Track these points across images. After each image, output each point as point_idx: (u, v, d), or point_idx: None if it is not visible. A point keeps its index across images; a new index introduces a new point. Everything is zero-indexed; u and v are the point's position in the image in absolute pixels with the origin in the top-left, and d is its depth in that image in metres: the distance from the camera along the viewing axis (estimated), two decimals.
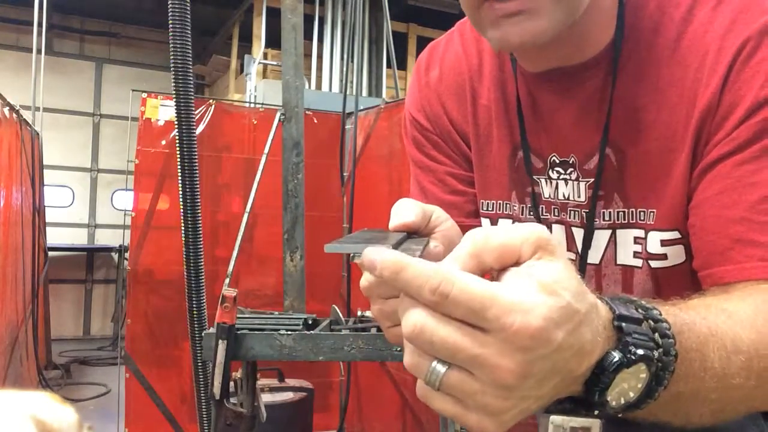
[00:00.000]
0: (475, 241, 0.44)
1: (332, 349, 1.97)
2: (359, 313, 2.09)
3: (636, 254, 0.78)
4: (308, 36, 4.64)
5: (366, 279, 0.57)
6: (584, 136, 0.79)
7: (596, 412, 0.47)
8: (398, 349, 1.98)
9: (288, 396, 2.98)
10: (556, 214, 0.84)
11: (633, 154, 0.76)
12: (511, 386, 0.41)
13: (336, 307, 2.05)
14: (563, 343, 0.41)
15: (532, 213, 0.86)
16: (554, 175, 0.83)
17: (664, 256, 0.76)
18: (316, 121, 4.05)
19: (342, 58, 5.16)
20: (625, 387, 0.45)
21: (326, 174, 3.91)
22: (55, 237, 6.95)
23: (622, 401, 0.46)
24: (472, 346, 0.40)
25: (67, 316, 7.38)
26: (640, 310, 0.47)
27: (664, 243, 0.75)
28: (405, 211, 0.60)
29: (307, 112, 3.55)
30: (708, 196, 0.69)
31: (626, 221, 0.78)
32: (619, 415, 0.48)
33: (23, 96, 5.07)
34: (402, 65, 5.60)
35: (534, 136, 0.83)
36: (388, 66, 4.99)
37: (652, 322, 0.47)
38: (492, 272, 0.45)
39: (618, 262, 0.80)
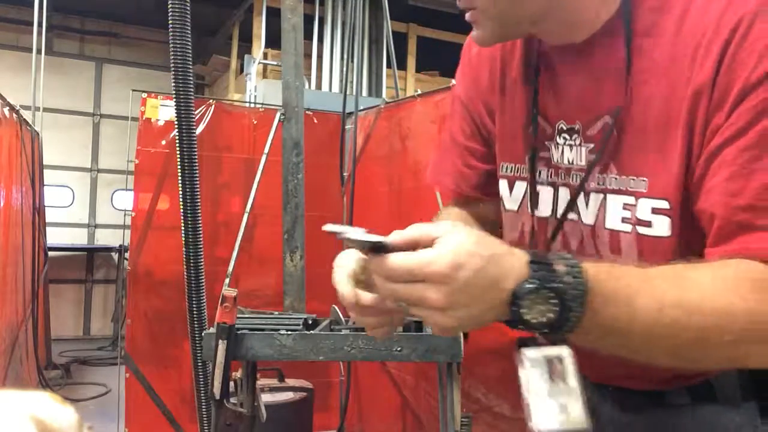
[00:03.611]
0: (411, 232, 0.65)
1: (332, 349, 1.97)
2: None
3: (624, 219, 0.83)
4: (308, 36, 4.63)
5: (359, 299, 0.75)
6: (588, 105, 0.85)
7: (563, 340, 0.66)
8: (398, 348, 1.98)
9: (288, 396, 2.98)
10: (563, 178, 0.90)
11: (631, 124, 0.81)
12: (444, 308, 0.61)
13: (336, 307, 2.04)
14: (469, 280, 0.60)
15: (541, 175, 0.93)
16: (561, 141, 0.89)
17: (649, 224, 0.80)
18: (316, 121, 4.05)
19: (342, 58, 5.15)
20: (542, 308, 0.62)
21: (326, 174, 3.91)
22: (55, 237, 6.94)
23: (544, 319, 0.63)
24: (414, 290, 0.62)
25: (67, 316, 7.38)
26: (560, 260, 0.64)
27: (654, 211, 0.79)
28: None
29: (307, 112, 3.55)
30: (715, 184, 0.73)
31: (617, 188, 0.83)
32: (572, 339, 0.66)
33: (23, 96, 5.06)
34: (402, 65, 5.59)
35: (546, 104, 0.90)
36: (388, 66, 4.98)
37: (567, 266, 0.64)
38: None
39: (606, 226, 0.85)
